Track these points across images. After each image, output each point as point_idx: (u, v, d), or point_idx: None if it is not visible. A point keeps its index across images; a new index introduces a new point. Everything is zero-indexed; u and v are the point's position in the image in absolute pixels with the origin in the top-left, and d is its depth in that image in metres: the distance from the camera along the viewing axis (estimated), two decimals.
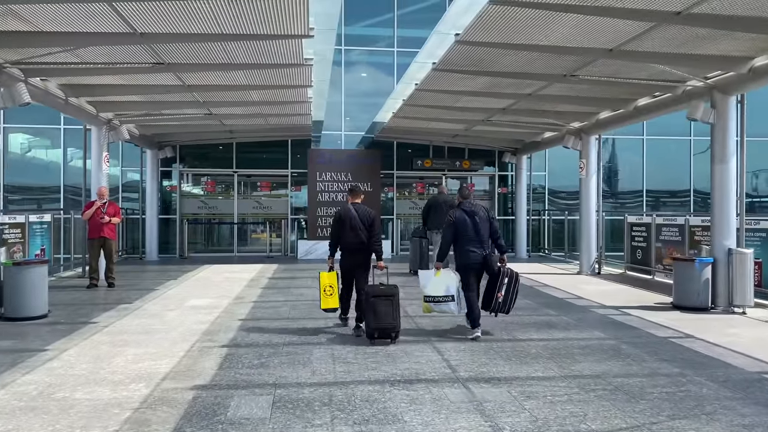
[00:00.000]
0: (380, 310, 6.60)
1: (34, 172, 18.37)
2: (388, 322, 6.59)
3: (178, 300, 9.50)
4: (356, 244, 7.19)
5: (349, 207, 7.30)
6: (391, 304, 6.64)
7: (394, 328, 6.63)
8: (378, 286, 6.86)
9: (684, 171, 19.89)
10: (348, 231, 7.19)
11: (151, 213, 16.51)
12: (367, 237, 7.16)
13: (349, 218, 7.20)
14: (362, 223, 7.17)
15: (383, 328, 6.60)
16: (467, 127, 14.93)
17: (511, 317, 8.10)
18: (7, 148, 17.91)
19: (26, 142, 19.13)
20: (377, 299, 6.66)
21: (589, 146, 13.42)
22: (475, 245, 6.98)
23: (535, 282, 12.00)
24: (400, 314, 6.76)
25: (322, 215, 17.18)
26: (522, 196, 17.70)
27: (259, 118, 14.10)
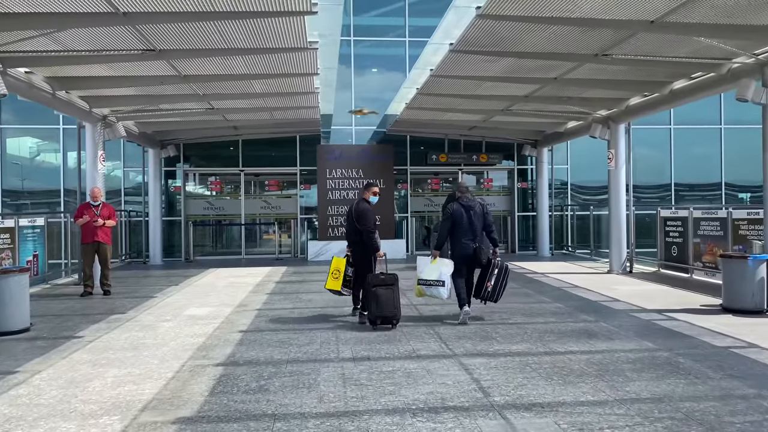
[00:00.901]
0: (382, 299, 6.98)
1: (43, 176, 17.70)
2: (389, 310, 7.01)
3: (176, 309, 8.70)
4: (351, 238, 7.74)
5: (352, 204, 7.78)
6: (392, 293, 7.03)
7: (394, 316, 7.05)
8: (379, 276, 7.23)
9: (713, 162, 18.80)
10: (347, 226, 7.82)
11: (155, 215, 15.78)
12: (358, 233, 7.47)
13: (347, 213, 7.78)
14: (354, 218, 7.50)
15: (385, 316, 7.02)
16: (486, 117, 14.01)
17: (546, 325, 7.24)
18: (5, 150, 17.26)
19: (35, 146, 18.51)
20: (378, 288, 7.01)
21: (618, 135, 12.47)
22: (468, 237, 7.45)
23: (564, 282, 11.07)
24: (400, 302, 7.16)
25: (333, 214, 16.35)
26: (543, 190, 16.75)
27: (264, 112, 13.30)
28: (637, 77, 10.15)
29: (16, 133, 17.58)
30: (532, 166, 17.88)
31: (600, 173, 18.34)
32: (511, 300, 9.10)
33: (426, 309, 8.45)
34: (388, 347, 6.20)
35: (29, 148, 18.41)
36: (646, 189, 18.69)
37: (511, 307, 8.53)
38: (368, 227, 7.41)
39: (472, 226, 7.42)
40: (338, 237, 16.18)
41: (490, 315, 7.91)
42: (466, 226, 7.42)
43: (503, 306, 8.57)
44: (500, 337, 6.64)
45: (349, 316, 7.88)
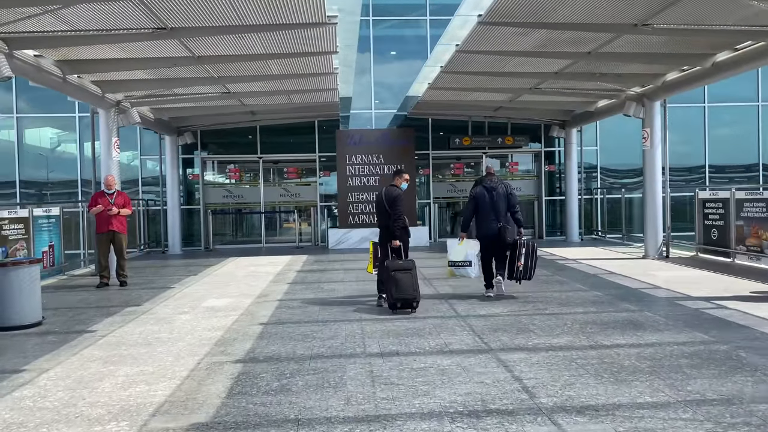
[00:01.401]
0: (401, 283, 7.00)
1: (63, 166, 17.49)
2: (408, 293, 7.01)
3: (194, 300, 8.35)
4: (380, 223, 7.77)
5: (382, 189, 7.78)
6: (411, 277, 7.05)
7: (414, 298, 7.06)
8: (396, 261, 7.28)
9: (751, 142, 17.95)
10: (377, 211, 7.82)
11: (173, 204, 15.47)
12: (388, 217, 7.47)
13: (379, 198, 7.71)
14: (386, 204, 7.50)
15: (405, 299, 7.03)
16: (512, 97, 13.41)
17: (586, 315, 6.73)
18: (23, 140, 17.08)
19: (55, 137, 18.34)
20: (397, 272, 7.05)
21: (653, 113, 11.82)
22: (492, 217, 7.73)
23: (599, 269, 10.51)
24: (418, 286, 7.15)
25: (353, 201, 15.90)
26: (572, 173, 16.11)
27: (281, 96, 12.85)
28: (676, 49, 9.50)
29: (33, 122, 17.38)
30: (559, 149, 17.23)
31: (631, 155, 17.68)
32: (544, 288, 8.61)
33: (461, 309, 7.98)
34: (418, 341, 5.76)
35: (50, 139, 18.24)
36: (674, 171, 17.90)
37: (546, 296, 8.03)
38: (400, 213, 7.41)
39: (495, 207, 7.73)
40: (359, 225, 15.76)
41: (524, 305, 7.42)
42: (488, 208, 7.75)
43: (537, 294, 8.09)
44: (538, 329, 6.15)
45: (375, 307, 7.47)
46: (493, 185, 7.84)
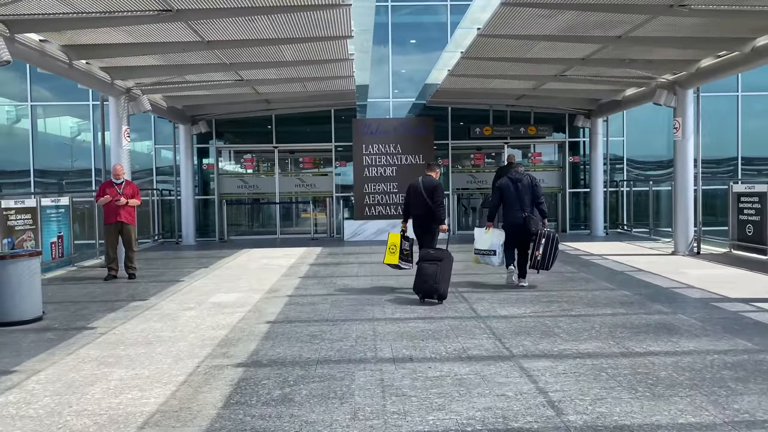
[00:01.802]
0: (424, 273, 7.09)
1: (81, 155, 17.31)
2: (429, 285, 7.03)
3: (202, 295, 8.04)
4: (417, 211, 7.89)
5: (419, 178, 7.97)
6: (438, 268, 7.01)
7: (436, 290, 7.02)
8: (429, 252, 7.41)
9: None
10: (414, 200, 7.89)
11: (187, 193, 15.22)
12: (430, 204, 7.70)
13: (414, 188, 7.89)
14: (425, 193, 7.73)
15: (424, 290, 7.10)
16: (536, 84, 12.86)
17: (615, 317, 6.26)
18: (37, 128, 16.94)
19: (75, 126, 18.18)
20: (424, 263, 7.16)
21: (685, 102, 11.21)
22: (517, 208, 7.99)
23: (626, 266, 9.99)
24: (447, 279, 7.12)
25: (370, 192, 15.50)
26: (598, 165, 15.51)
27: (296, 84, 12.45)
28: (713, 33, 8.89)
29: (53, 111, 17.21)
30: (584, 139, 16.62)
31: (656, 146, 17.04)
32: (569, 287, 8.14)
33: (480, 308, 7.56)
34: (434, 345, 5.35)
35: (70, 128, 18.09)
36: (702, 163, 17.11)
37: (571, 295, 7.56)
38: (441, 201, 7.76)
39: (520, 197, 7.99)
40: (375, 216, 15.37)
41: (548, 305, 6.97)
42: (513, 198, 8.03)
43: (562, 294, 7.63)
44: (564, 333, 5.71)
45: (389, 305, 7.08)
46: (518, 176, 8.17)
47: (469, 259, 9.19)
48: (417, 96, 16.38)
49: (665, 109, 16.43)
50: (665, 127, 16.85)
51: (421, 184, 7.82)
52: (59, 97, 16.73)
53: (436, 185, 7.79)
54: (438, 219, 7.72)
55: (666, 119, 16.71)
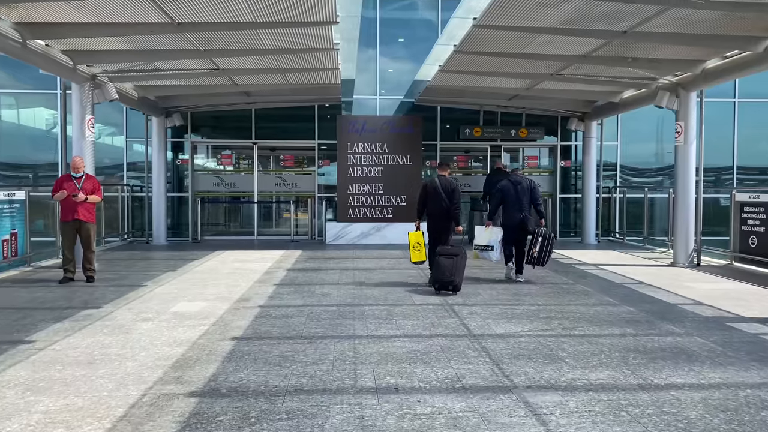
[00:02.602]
0: (441, 266, 7.60)
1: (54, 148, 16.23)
2: (445, 276, 7.57)
3: (163, 303, 7.23)
4: (435, 210, 8.24)
5: (435, 178, 8.37)
6: (453, 262, 7.58)
7: (451, 282, 7.58)
8: (447, 247, 7.87)
9: None
10: (432, 199, 8.23)
11: (159, 190, 14.35)
12: (448, 205, 8.12)
13: (433, 188, 8.22)
14: (443, 193, 8.14)
15: (441, 281, 7.63)
16: (531, 84, 12.22)
17: (624, 338, 5.59)
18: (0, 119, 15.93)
19: (51, 118, 17.15)
20: (441, 257, 7.67)
21: (688, 105, 10.62)
22: (516, 208, 8.59)
23: (626, 278, 9.35)
24: (462, 272, 7.70)
25: (354, 193, 14.76)
26: (591, 170, 14.93)
27: (276, 75, 11.67)
28: (724, 30, 8.29)
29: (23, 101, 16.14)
30: (576, 143, 16.04)
31: (649, 152, 16.51)
32: (568, 300, 7.46)
33: (468, 315, 6.86)
34: (423, 371, 4.63)
35: (45, 119, 17.06)
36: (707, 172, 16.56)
37: (570, 310, 6.89)
38: (459, 203, 8.21)
39: (519, 199, 8.60)
40: (360, 218, 14.63)
41: (548, 322, 6.28)
42: (513, 199, 8.62)
43: (562, 308, 6.96)
44: (570, 357, 5.02)
45: (372, 319, 6.35)
46: (518, 180, 8.81)
47: None
48: (405, 94, 15.68)
49: (661, 114, 16.05)
50: (660, 132, 16.37)
51: (439, 184, 8.21)
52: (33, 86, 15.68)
53: (455, 187, 8.24)
54: (455, 219, 8.16)
55: (661, 124, 16.24)
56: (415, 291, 7.97)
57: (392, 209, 14.79)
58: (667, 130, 16.18)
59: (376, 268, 10.28)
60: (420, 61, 14.33)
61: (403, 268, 10.17)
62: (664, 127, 16.19)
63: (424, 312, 6.74)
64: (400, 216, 14.68)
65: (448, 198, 8.10)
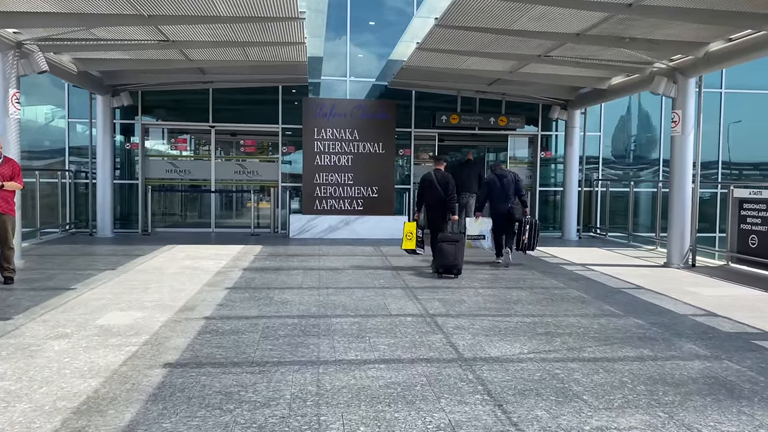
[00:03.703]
0: (445, 251, 8.13)
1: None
2: (449, 260, 8.11)
3: (90, 312, 6.02)
4: (433, 201, 8.86)
5: (431, 172, 8.95)
6: (455, 247, 8.13)
7: (455, 266, 8.15)
8: (447, 234, 8.47)
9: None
10: (428, 192, 8.87)
11: (104, 176, 12.95)
12: (444, 196, 8.74)
13: (429, 181, 8.86)
14: (439, 186, 8.75)
15: (446, 265, 8.15)
16: (515, 66, 11.24)
17: (644, 364, 4.59)
18: None
19: None
20: (444, 243, 8.18)
21: (687, 92, 9.79)
22: (502, 199, 9.32)
23: (621, 281, 8.46)
24: (462, 257, 8.25)
25: (322, 183, 13.61)
26: (573, 162, 14.09)
27: (235, 49, 10.41)
28: (737, 6, 7.40)
29: None
30: (557, 132, 15.19)
31: (637, 143, 15.77)
32: (564, 310, 6.50)
33: (453, 330, 5.85)
34: (407, 415, 3.58)
35: None
36: (634, 164, 15.84)
37: (571, 323, 5.92)
38: (454, 194, 8.88)
39: (505, 191, 9.39)
40: (327, 211, 13.51)
41: (549, 339, 5.30)
42: (499, 191, 9.39)
43: (560, 320, 5.99)
44: (587, 392, 4.03)
45: (340, 335, 5.26)
46: (503, 173, 9.59)
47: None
48: (377, 77, 14.56)
49: (647, 103, 15.32)
50: (642, 123, 15.64)
51: (435, 178, 8.87)
52: None
53: (449, 180, 8.86)
54: (450, 209, 8.86)
55: (644, 115, 15.50)
56: (390, 296, 6.92)
57: (363, 201, 13.70)
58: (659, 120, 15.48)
59: (345, 267, 9.20)
60: (393, 42, 13.24)
61: (376, 268, 9.12)
62: (650, 116, 15.47)
63: (402, 326, 5.70)
64: (371, 209, 13.60)
65: (443, 190, 8.77)
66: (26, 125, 11.98)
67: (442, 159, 9.29)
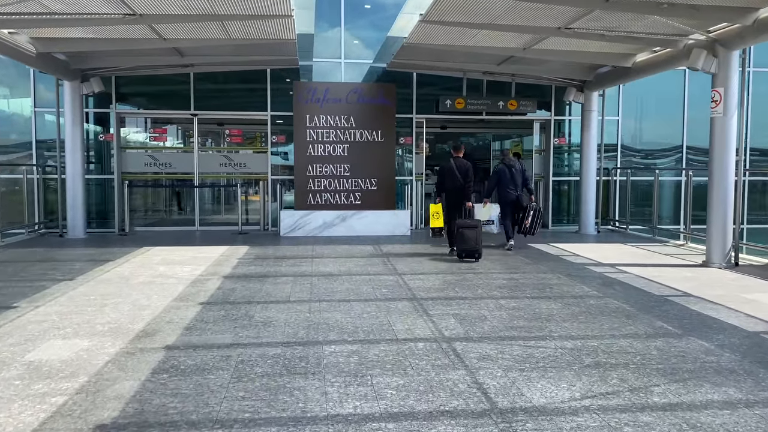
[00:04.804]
0: (465, 236, 8.71)
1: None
2: (470, 245, 8.70)
3: (23, 341, 4.81)
4: (453, 187, 9.35)
5: (450, 160, 9.48)
6: (475, 233, 8.72)
7: (476, 250, 8.72)
8: (467, 220, 9.01)
9: None
10: (448, 178, 9.38)
11: (74, 171, 11.71)
12: (462, 183, 9.25)
13: (449, 168, 9.38)
14: (459, 173, 9.28)
15: (468, 250, 8.72)
16: (530, 41, 10.00)
17: (744, 418, 3.39)
18: None
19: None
20: (464, 229, 8.75)
21: (729, 66, 8.57)
22: (511, 187, 10.01)
23: (661, 286, 7.26)
24: (481, 241, 8.83)
25: (315, 175, 12.40)
26: (590, 149, 12.87)
27: (213, 25, 9.15)
28: None
29: None
30: (571, 117, 13.97)
31: (653, 131, 14.55)
32: (609, 327, 5.27)
33: (475, 359, 4.65)
34: None
35: None
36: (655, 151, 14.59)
37: (624, 348, 4.72)
38: (472, 181, 9.24)
39: (514, 179, 9.93)
40: (321, 206, 12.31)
41: (601, 375, 4.10)
42: (508, 180, 9.92)
43: (608, 343, 4.81)
44: None
45: (335, 374, 4.05)
46: (512, 163, 10.11)
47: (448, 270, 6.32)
48: (375, 57, 13.32)
49: (668, 83, 14.05)
50: (669, 105, 14.39)
51: (454, 165, 9.31)
52: None
53: (469, 167, 9.32)
54: (467, 195, 9.26)
55: (668, 95, 14.27)
56: (395, 312, 5.73)
57: (360, 194, 12.48)
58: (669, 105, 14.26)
59: (341, 273, 8.00)
60: (389, 23, 12.09)
61: (377, 273, 7.93)
62: (673, 98, 14.22)
63: (412, 356, 4.51)
64: (370, 203, 12.40)
65: (462, 177, 9.23)
66: None
67: (461, 147, 9.63)
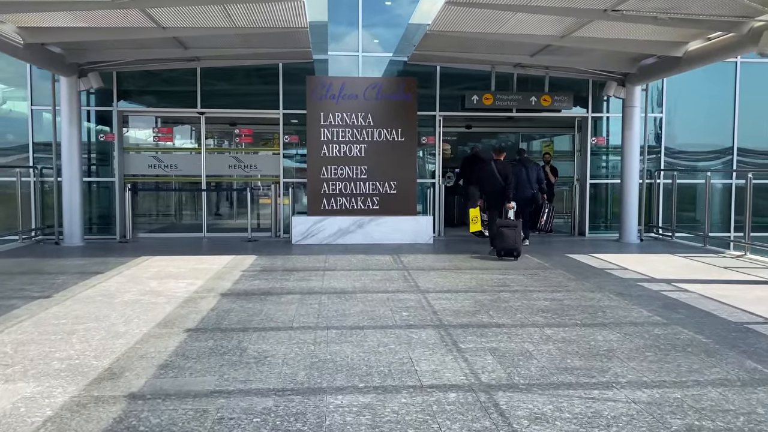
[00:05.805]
0: (505, 236, 9.06)
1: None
2: (509, 244, 9.06)
3: None
4: (493, 189, 9.68)
5: (491, 162, 9.78)
6: (514, 232, 9.07)
7: (516, 249, 9.08)
8: (506, 220, 9.32)
9: None
10: (489, 181, 9.70)
11: (71, 174, 10.87)
12: (503, 185, 9.52)
13: (491, 171, 9.66)
14: (500, 176, 9.55)
15: (507, 248, 9.09)
16: (571, 26, 8.87)
17: None
18: None
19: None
20: (504, 228, 9.10)
21: None
22: (528, 187, 10.62)
23: (739, 311, 6.09)
24: (521, 240, 9.28)
25: (330, 178, 11.39)
26: (633, 149, 11.69)
27: (220, 17, 8.21)
28: None
29: None
30: (608, 114, 12.79)
31: (701, 131, 13.25)
32: (690, 370, 4.11)
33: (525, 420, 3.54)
34: None
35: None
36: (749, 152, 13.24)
37: (718, 403, 3.59)
38: (512, 183, 9.60)
39: (529, 179, 10.68)
40: (336, 211, 11.31)
41: None
42: (525, 180, 10.60)
43: (693, 393, 3.68)
44: None
45: None
46: (527, 164, 10.78)
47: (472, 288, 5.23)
48: (395, 50, 12.29)
49: (717, 78, 12.76)
50: (716, 102, 13.09)
51: (496, 168, 9.57)
52: None
53: (509, 171, 9.55)
54: (507, 197, 9.45)
55: (716, 92, 12.99)
56: (418, 344, 4.68)
57: (379, 199, 11.45)
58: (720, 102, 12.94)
59: (355, 290, 6.97)
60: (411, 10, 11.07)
61: (396, 290, 6.88)
62: (723, 94, 12.92)
63: (442, 413, 3.45)
64: (389, 208, 11.36)
65: (503, 179, 9.48)
66: None
67: (502, 150, 9.92)
